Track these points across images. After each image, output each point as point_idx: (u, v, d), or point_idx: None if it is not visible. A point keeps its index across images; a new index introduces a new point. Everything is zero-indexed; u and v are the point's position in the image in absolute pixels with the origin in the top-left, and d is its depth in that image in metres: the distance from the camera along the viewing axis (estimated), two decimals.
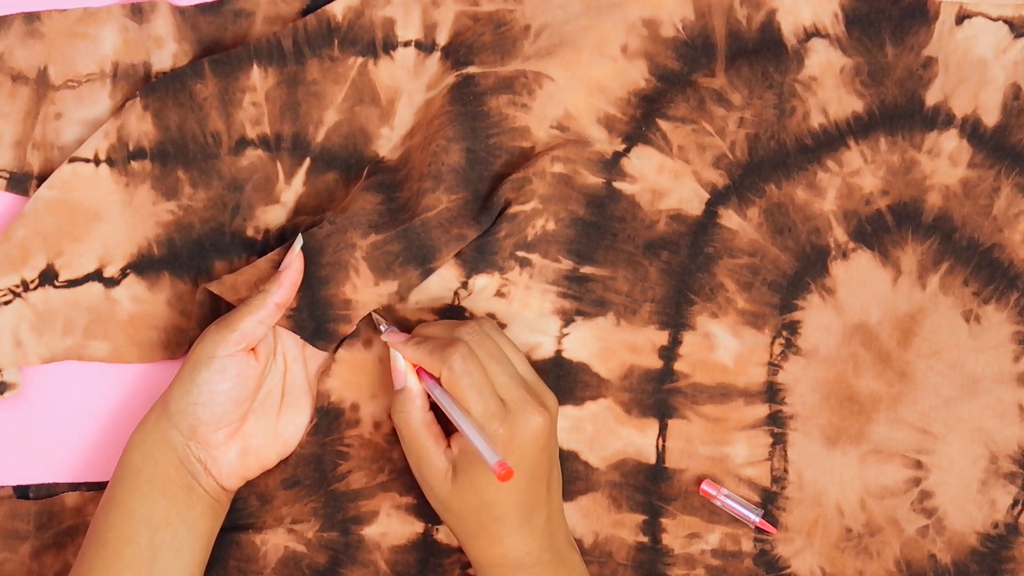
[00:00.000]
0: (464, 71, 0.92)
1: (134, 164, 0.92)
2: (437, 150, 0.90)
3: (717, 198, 0.92)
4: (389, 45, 0.93)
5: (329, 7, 0.93)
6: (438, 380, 0.86)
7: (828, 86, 0.92)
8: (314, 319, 0.89)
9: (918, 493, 0.91)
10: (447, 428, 0.88)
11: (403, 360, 0.88)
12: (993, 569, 0.91)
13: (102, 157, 0.92)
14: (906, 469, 0.91)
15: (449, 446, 0.87)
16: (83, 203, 0.92)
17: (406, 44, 0.93)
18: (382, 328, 0.90)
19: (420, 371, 0.87)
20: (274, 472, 0.91)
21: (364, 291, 0.89)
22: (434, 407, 0.88)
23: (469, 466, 0.85)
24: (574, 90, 0.91)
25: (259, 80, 0.93)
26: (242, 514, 0.91)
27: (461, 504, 0.86)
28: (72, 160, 0.92)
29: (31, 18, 0.93)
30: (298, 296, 0.88)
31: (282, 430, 0.91)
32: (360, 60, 0.93)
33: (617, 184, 0.92)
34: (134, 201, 0.93)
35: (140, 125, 0.92)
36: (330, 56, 0.93)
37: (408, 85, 0.93)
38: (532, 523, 0.86)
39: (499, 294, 0.92)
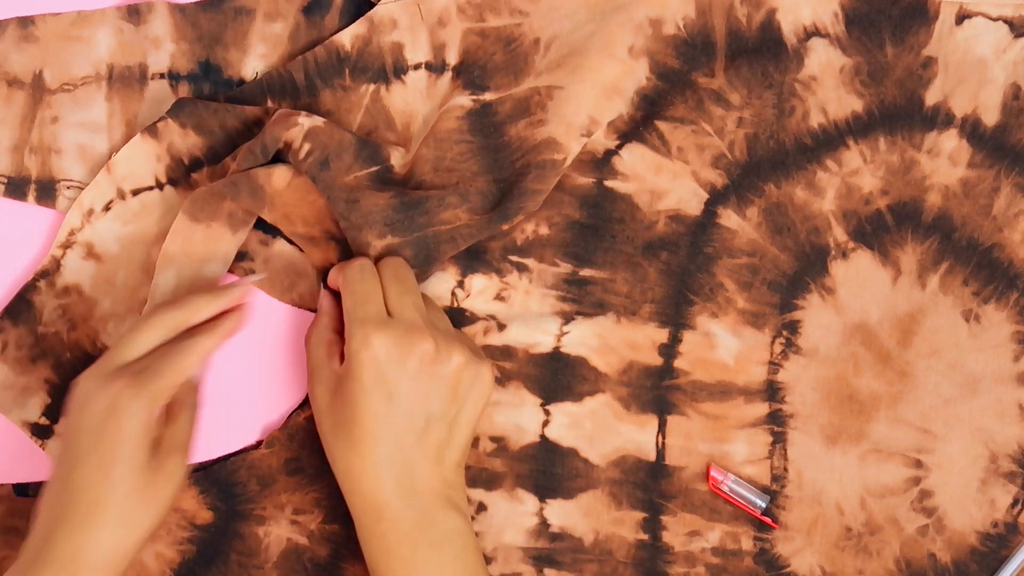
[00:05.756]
0: (481, 97, 0.92)
1: (195, 176, 0.92)
2: (465, 177, 0.90)
3: (716, 198, 0.92)
4: (400, 70, 0.93)
5: (336, 37, 0.93)
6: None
7: (828, 86, 0.92)
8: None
9: (918, 492, 0.91)
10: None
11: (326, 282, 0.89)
12: (993, 568, 0.91)
13: (163, 180, 0.92)
14: (906, 468, 0.91)
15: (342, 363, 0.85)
16: (163, 228, 0.92)
17: (416, 67, 0.93)
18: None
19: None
20: (276, 454, 0.91)
21: None
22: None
23: (344, 378, 0.84)
24: (593, 96, 0.91)
25: None
26: (241, 499, 0.92)
27: (332, 419, 0.84)
28: (136, 192, 0.92)
29: (25, 22, 0.93)
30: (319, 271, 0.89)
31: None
32: (372, 87, 0.93)
33: (608, 183, 0.92)
34: None
35: (186, 141, 0.92)
36: (342, 86, 0.93)
37: (422, 108, 0.93)
38: (390, 465, 0.83)
39: (499, 298, 0.92)
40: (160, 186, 0.92)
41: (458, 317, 0.92)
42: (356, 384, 0.83)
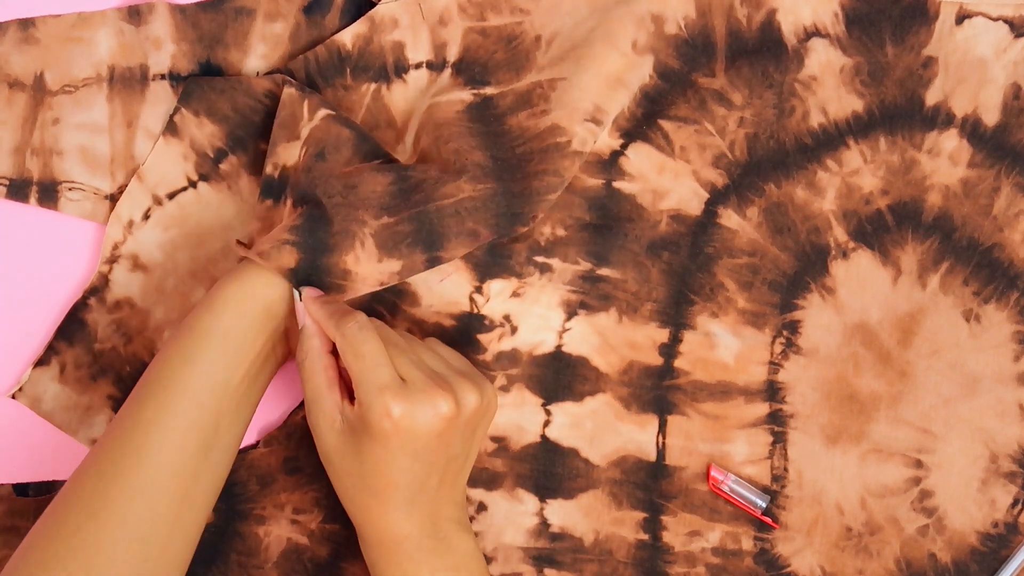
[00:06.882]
0: (481, 91, 0.91)
1: (223, 166, 0.92)
2: (461, 150, 0.89)
3: (716, 198, 0.92)
4: (401, 69, 0.93)
5: (337, 36, 0.92)
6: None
7: (828, 86, 0.92)
8: (309, 283, 0.87)
9: (918, 492, 0.91)
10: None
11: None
12: (993, 568, 0.91)
13: (194, 178, 0.92)
14: (906, 468, 0.91)
15: (352, 403, 0.83)
16: (204, 226, 0.92)
17: (417, 66, 0.93)
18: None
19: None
20: (275, 453, 0.91)
21: (366, 264, 0.87)
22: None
23: (359, 431, 0.82)
24: (597, 85, 0.90)
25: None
26: (241, 498, 0.92)
27: (342, 462, 0.83)
28: (172, 196, 0.92)
29: (26, 24, 0.93)
30: (299, 258, 0.86)
31: None
32: (373, 86, 0.93)
33: (617, 184, 0.92)
34: (244, 194, 0.92)
35: (203, 131, 0.92)
36: (343, 85, 0.93)
37: (421, 104, 0.93)
38: (413, 507, 0.84)
39: (515, 295, 0.92)
40: (193, 184, 0.92)
41: (476, 324, 0.92)
42: (380, 449, 0.82)
